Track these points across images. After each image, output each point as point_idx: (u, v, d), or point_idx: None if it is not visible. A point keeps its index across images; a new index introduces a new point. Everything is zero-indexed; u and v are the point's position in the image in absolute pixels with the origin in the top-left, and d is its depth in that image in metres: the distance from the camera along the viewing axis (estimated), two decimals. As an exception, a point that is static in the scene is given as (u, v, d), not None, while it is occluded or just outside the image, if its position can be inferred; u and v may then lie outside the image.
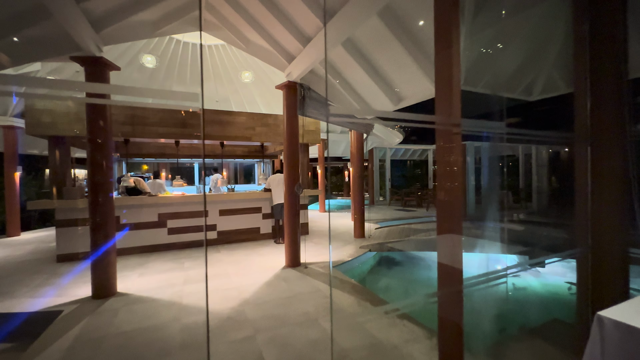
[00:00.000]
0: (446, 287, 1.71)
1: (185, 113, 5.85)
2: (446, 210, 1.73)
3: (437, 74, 1.76)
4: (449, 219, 1.71)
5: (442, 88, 1.73)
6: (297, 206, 4.75)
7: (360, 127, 6.13)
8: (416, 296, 4.29)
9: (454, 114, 1.64)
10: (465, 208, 9.63)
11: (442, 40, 1.74)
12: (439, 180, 1.75)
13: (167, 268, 4.75)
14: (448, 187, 1.68)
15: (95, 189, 3.60)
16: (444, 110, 1.71)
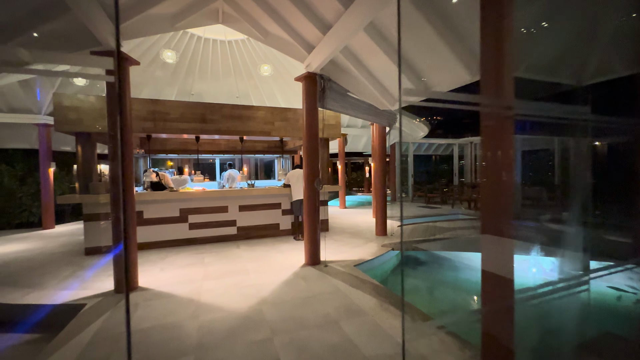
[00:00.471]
0: (493, 299, 1.48)
1: (205, 108, 5.83)
2: (493, 209, 1.48)
3: (483, 53, 1.51)
4: (496, 219, 1.47)
5: (489, 69, 1.47)
6: (316, 202, 4.59)
7: (382, 120, 5.85)
8: (457, 313, 4.02)
9: (504, 98, 1.39)
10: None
11: (490, 12, 1.48)
12: (484, 174, 1.51)
13: (188, 263, 4.76)
14: (495, 182, 1.44)
15: (116, 184, 3.62)
16: (490, 95, 1.46)
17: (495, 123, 1.44)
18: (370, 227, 7.31)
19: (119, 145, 3.54)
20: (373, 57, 3.96)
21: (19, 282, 4.06)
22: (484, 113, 1.46)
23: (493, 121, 1.45)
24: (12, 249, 5.85)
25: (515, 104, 1.40)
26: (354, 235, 6.50)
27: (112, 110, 3.57)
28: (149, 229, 5.63)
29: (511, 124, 1.40)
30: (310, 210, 4.57)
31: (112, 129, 3.58)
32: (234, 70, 9.63)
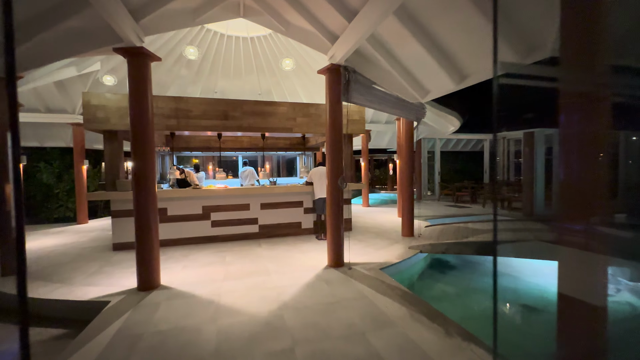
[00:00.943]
0: (576, 331, 1.18)
1: (227, 105, 5.76)
2: (576, 214, 1.18)
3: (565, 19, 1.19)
4: (581, 226, 1.17)
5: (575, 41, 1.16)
6: (340, 201, 4.36)
7: (410, 113, 5.50)
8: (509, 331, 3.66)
9: (595, 74, 1.10)
10: (532, 206, 8.40)
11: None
12: (565, 168, 1.20)
13: (209, 261, 4.71)
14: (582, 180, 1.14)
15: (139, 181, 3.59)
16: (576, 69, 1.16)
17: (583, 102, 1.13)
18: (396, 227, 6.98)
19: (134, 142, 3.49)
20: (403, 45, 3.65)
21: (50, 276, 4.18)
22: (566, 92, 1.16)
23: (580, 100, 1.14)
24: (49, 243, 6.13)
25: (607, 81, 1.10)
26: (378, 236, 6.22)
27: (133, 107, 3.53)
28: (173, 226, 5.67)
29: (607, 103, 1.09)
30: (334, 209, 4.35)
31: (134, 127, 3.56)
32: (256, 67, 9.57)
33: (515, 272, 5.08)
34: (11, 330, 3.27)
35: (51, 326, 3.33)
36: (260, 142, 9.60)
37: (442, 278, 4.97)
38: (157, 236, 3.73)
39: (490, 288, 4.56)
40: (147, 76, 3.61)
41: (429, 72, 3.84)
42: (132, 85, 3.54)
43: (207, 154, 10.50)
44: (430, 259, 5.45)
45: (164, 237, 5.62)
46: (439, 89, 4.01)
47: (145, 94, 3.58)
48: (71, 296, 3.49)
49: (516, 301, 4.24)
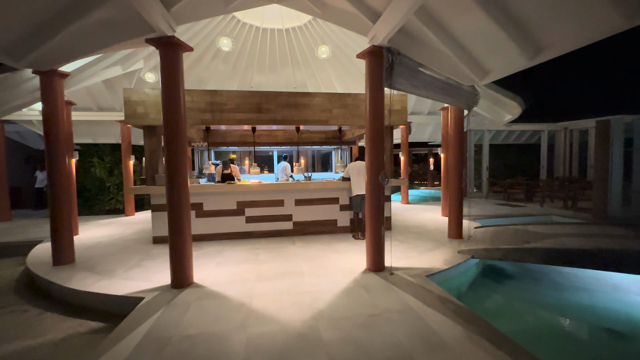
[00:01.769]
0: None
1: (261, 97, 5.57)
2: None
3: None
4: None
5: None
6: (381, 199, 3.95)
7: (460, 100, 4.86)
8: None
9: None
10: (605, 207, 7.20)
11: None
12: None
13: (243, 259, 4.57)
14: None
15: (171, 176, 3.50)
16: None
17: None
18: (440, 228, 6.36)
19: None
20: (461, 16, 3.09)
21: (95, 267, 4.31)
22: None
23: None
24: (98, 234, 6.48)
25: None
26: (421, 237, 5.68)
27: (165, 99, 3.43)
28: (209, 221, 5.65)
29: None
30: (374, 208, 3.94)
31: (166, 121, 3.46)
32: (291, 59, 9.34)
33: (590, 285, 4.28)
34: (57, 320, 3.37)
35: (91, 318, 3.38)
36: (295, 136, 9.40)
37: (499, 289, 4.34)
38: (189, 233, 3.63)
39: (561, 305, 3.86)
40: (179, 67, 3.48)
41: (491, 47, 3.23)
42: (165, 76, 3.43)
43: (243, 148, 10.57)
44: (482, 266, 4.82)
45: (201, 232, 5.63)
46: (504, 68, 3.37)
47: (177, 85, 3.46)
48: (110, 290, 3.52)
49: (597, 324, 3.52)
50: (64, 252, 4.45)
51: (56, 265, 4.40)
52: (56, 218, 4.40)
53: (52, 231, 4.41)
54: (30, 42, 2.89)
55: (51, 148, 4.32)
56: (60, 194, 4.41)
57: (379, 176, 3.86)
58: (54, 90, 4.32)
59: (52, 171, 4.35)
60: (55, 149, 4.35)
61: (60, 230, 4.43)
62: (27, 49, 2.95)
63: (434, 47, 3.61)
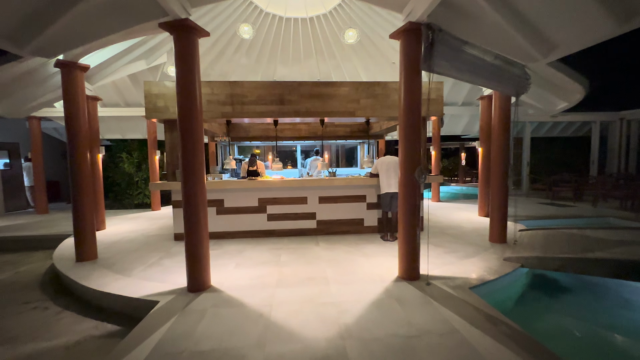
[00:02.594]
0: None
1: (283, 88, 5.23)
2: None
3: None
4: None
5: None
6: (417, 198, 3.47)
7: (508, 86, 4.23)
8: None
9: None
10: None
11: None
12: None
13: (264, 260, 4.30)
14: None
15: (186, 172, 3.25)
16: None
17: None
18: (478, 229, 5.75)
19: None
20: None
21: (115, 264, 4.22)
22: None
23: None
24: (123, 229, 6.52)
25: None
26: (458, 240, 5.12)
27: (179, 88, 3.17)
28: (230, 219, 5.45)
29: None
30: (409, 208, 3.48)
31: (181, 115, 3.20)
32: (315, 50, 8.93)
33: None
34: (75, 320, 3.27)
35: (108, 320, 3.24)
36: (319, 130, 9.02)
37: (554, 306, 3.73)
38: (206, 235, 3.38)
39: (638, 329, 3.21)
40: (195, 53, 3.20)
41: (564, 13, 2.64)
42: (179, 64, 3.16)
43: (266, 143, 10.35)
44: (531, 276, 4.21)
45: (221, 229, 5.45)
46: (578, 39, 2.74)
47: (193, 73, 3.18)
48: (126, 291, 3.36)
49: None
50: (86, 249, 4.41)
51: (79, 262, 4.36)
52: (78, 215, 4.36)
53: (75, 228, 4.37)
54: (32, 26, 2.73)
55: (72, 143, 4.25)
56: (82, 190, 4.35)
57: (414, 172, 3.39)
58: (74, 84, 4.23)
59: (73, 167, 4.28)
60: (76, 144, 4.27)
61: (82, 227, 4.38)
62: (30, 34, 2.81)
63: (485, 19, 3.05)
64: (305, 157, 10.95)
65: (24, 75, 5.06)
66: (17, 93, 5.76)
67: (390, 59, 8.62)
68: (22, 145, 9.95)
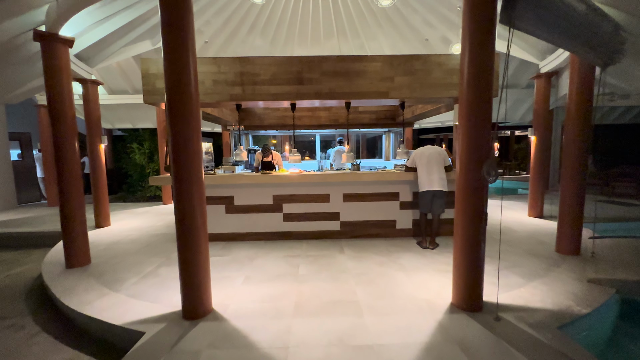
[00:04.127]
0: None
1: (302, 65, 4.36)
2: None
3: None
4: None
5: None
6: (482, 203, 2.57)
7: (598, 53, 3.18)
8: None
9: None
10: None
11: None
12: None
13: (278, 272, 3.55)
14: None
15: (178, 168, 2.52)
16: None
17: None
18: (535, 235, 4.76)
19: (177, 110, 2.35)
20: None
21: (107, 273, 3.62)
22: None
23: None
24: (128, 226, 5.99)
25: None
26: (514, 248, 4.16)
27: (167, 62, 2.41)
28: (240, 218, 4.74)
29: None
30: (471, 216, 2.59)
31: (171, 99, 2.45)
32: (337, 28, 7.96)
33: None
34: (48, 347, 2.67)
35: (86, 349, 2.61)
36: (341, 117, 8.12)
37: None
38: (206, 247, 2.66)
39: None
40: (187, 17, 2.40)
41: None
42: (166, 31, 2.39)
43: (282, 132, 9.58)
44: (619, 303, 3.21)
45: (231, 230, 4.76)
46: None
47: (185, 42, 2.41)
48: (111, 313, 2.71)
49: None
50: (76, 254, 3.83)
51: (69, 268, 3.80)
52: (65, 215, 3.76)
53: (63, 230, 3.79)
54: None
55: (56, 130, 3.62)
56: (69, 186, 3.74)
57: (482, 168, 2.48)
58: (56, 60, 3.57)
59: (58, 158, 3.67)
60: (61, 131, 3.64)
61: (70, 229, 3.79)
62: None
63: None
64: (326, 147, 10.10)
65: (8, 53, 4.49)
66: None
67: (425, 36, 7.53)
68: (34, 135, 9.69)
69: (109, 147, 11.27)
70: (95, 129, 5.76)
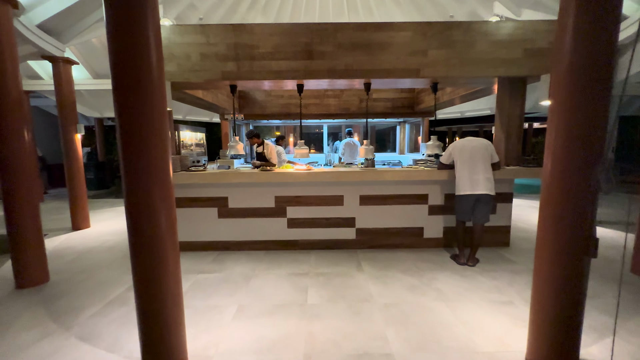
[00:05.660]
0: None
1: (312, 34, 3.47)
2: None
3: None
4: None
5: None
6: (589, 225, 1.71)
7: None
8: None
9: None
10: None
11: None
12: None
13: (281, 300, 2.74)
14: None
15: (130, 173, 1.69)
16: None
17: None
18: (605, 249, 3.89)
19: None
20: None
21: (62, 297, 2.85)
22: None
23: None
24: (110, 228, 5.22)
25: None
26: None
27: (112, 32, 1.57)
28: (236, 224, 3.93)
29: None
30: (567, 243, 1.74)
31: (112, 69, 1.62)
32: (348, 4, 7.04)
33: None
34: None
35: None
36: (353, 105, 7.22)
37: None
38: (175, 268, 1.84)
39: None
40: None
41: None
42: None
43: (287, 122, 8.69)
44: None
45: (224, 238, 3.96)
46: None
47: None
48: (47, 366, 1.93)
49: None
50: (27, 271, 3.06)
51: (18, 288, 3.03)
52: (12, 221, 2.97)
53: (10, 241, 3.01)
54: None
55: (-6, 114, 2.80)
56: (16, 184, 2.94)
57: (596, 171, 1.62)
58: (-10, 22, 2.73)
59: (1, 150, 2.86)
60: (2, 114, 2.82)
61: (21, 239, 3.01)
62: None
63: None
64: (334, 139, 9.23)
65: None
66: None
67: (449, 12, 6.56)
68: (17, 124, 8.90)
69: (100, 138, 10.50)
70: (69, 115, 4.95)
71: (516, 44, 3.48)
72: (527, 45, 3.48)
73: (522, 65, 3.52)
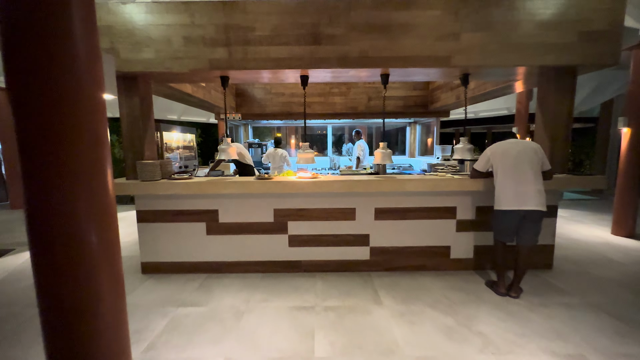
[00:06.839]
0: None
1: (319, 15, 2.86)
2: None
3: None
4: None
5: None
6: None
7: None
8: None
9: None
10: None
11: None
12: None
13: (281, 351, 2.11)
14: None
15: (26, 166, 1.06)
16: None
17: None
18: (638, 261, 3.26)
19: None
20: None
21: (24, 333, 2.22)
22: None
23: None
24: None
25: None
26: (632, 292, 2.65)
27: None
28: (227, 241, 3.31)
29: None
30: None
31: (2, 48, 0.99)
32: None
33: None
34: None
35: None
36: (360, 104, 6.59)
37: None
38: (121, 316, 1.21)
39: None
40: None
41: None
42: None
43: (289, 122, 8.08)
44: None
45: (214, 258, 3.34)
46: None
47: None
48: None
49: None
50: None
51: (-49, 328, 2.41)
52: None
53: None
54: None
55: None
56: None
57: None
58: None
59: None
60: None
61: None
62: None
63: None
64: (338, 141, 8.61)
65: None
66: None
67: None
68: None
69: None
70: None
71: (569, 26, 2.84)
72: (583, 27, 2.84)
73: (576, 51, 2.88)
